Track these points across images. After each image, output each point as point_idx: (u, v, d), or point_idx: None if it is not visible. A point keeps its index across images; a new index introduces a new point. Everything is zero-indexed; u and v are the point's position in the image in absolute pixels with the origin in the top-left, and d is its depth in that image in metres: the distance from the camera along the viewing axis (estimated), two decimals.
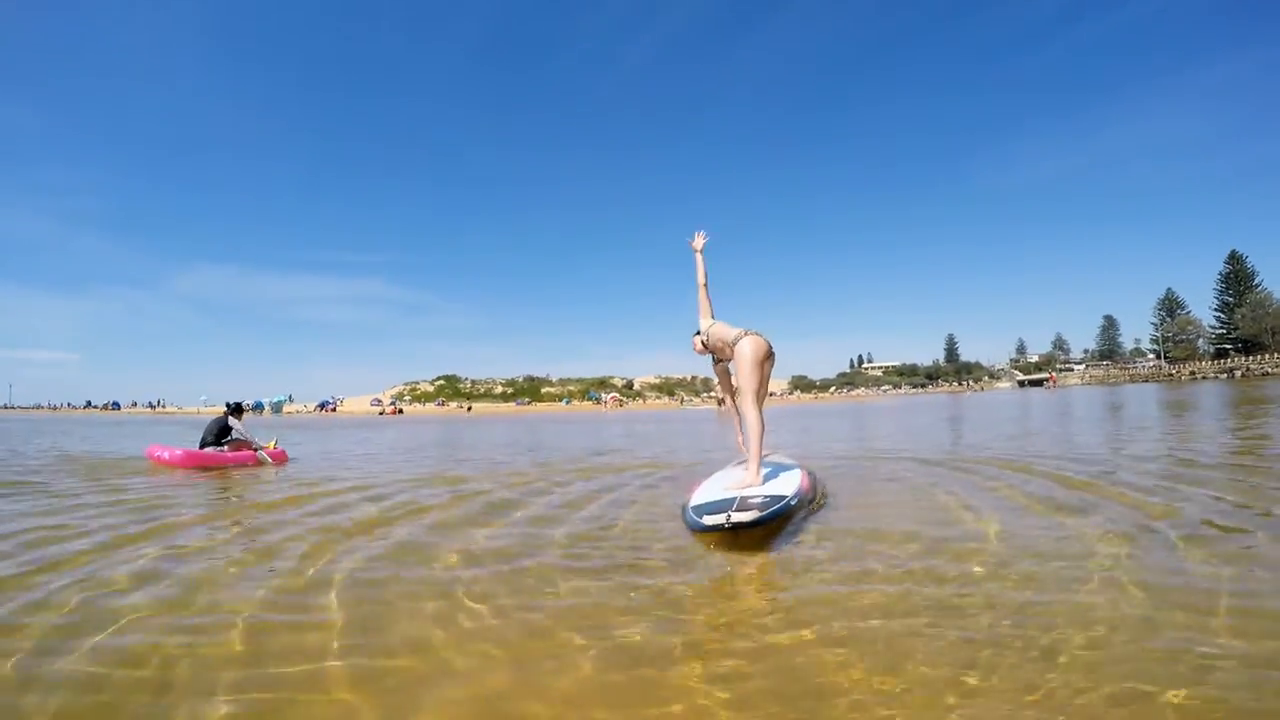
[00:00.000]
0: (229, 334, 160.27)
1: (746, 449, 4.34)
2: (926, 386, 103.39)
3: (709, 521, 3.35)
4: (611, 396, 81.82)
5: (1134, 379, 71.05)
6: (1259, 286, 76.85)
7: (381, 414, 54.30)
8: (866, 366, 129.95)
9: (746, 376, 4.23)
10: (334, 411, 64.01)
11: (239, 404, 8.99)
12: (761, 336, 4.36)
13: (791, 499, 3.70)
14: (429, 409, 71.20)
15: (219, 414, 8.90)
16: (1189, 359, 76.03)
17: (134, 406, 79.76)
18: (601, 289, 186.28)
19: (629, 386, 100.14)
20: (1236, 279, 78.62)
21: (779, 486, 3.99)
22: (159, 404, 78.92)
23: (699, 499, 3.90)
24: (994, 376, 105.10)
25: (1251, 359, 63.82)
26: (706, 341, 4.66)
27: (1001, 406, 23.16)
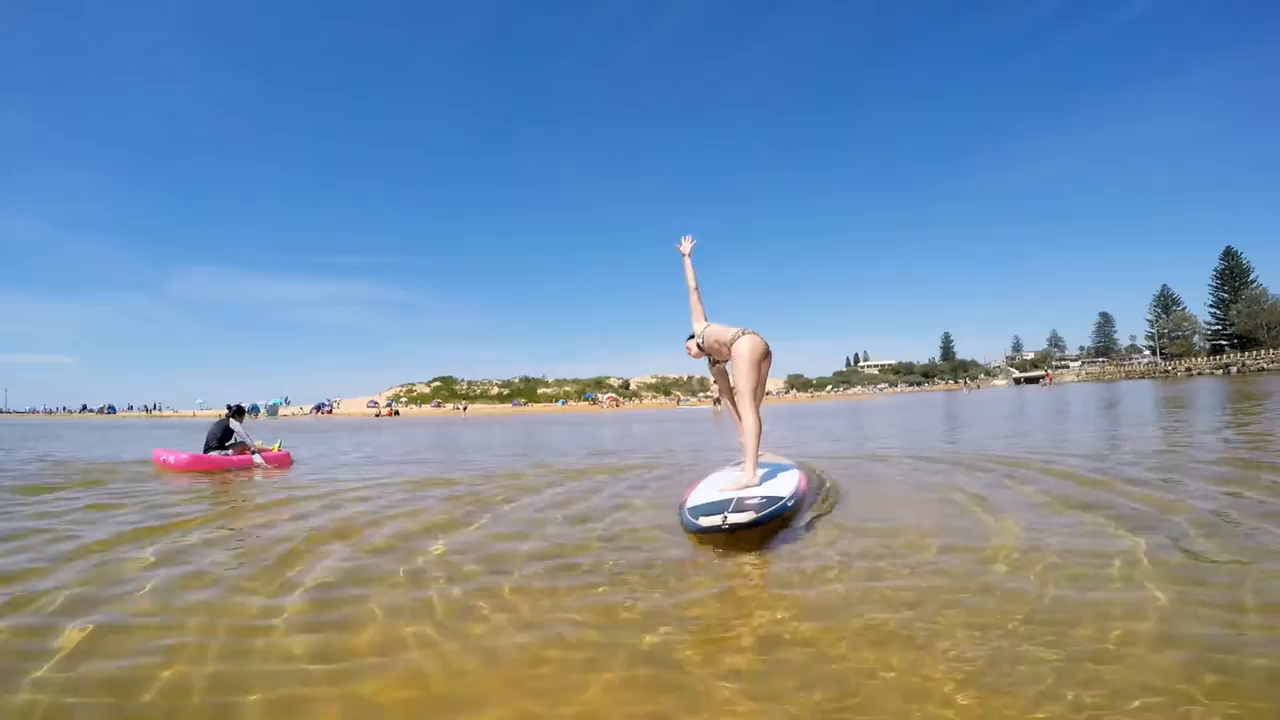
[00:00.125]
0: (225, 337, 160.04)
1: (743, 449, 4.31)
2: (922, 384, 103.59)
3: (705, 523, 3.32)
4: (608, 396, 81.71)
5: (1130, 375, 71.34)
6: (1254, 283, 77.23)
7: (378, 416, 53.94)
8: (862, 365, 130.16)
9: (744, 376, 4.21)
10: (330, 414, 63.73)
11: (240, 406, 8.87)
12: (758, 336, 4.34)
13: (789, 500, 3.66)
14: (425, 410, 70.94)
15: (214, 417, 8.78)
16: (1184, 355, 76.31)
17: (130, 410, 79.35)
18: (598, 289, 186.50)
19: (625, 386, 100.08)
20: (1232, 275, 78.97)
21: (776, 487, 3.95)
22: (155, 408, 78.60)
23: (695, 500, 3.86)
24: (990, 374, 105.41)
25: (1247, 355, 64.16)
26: (702, 344, 4.62)
27: (999, 404, 23.10)
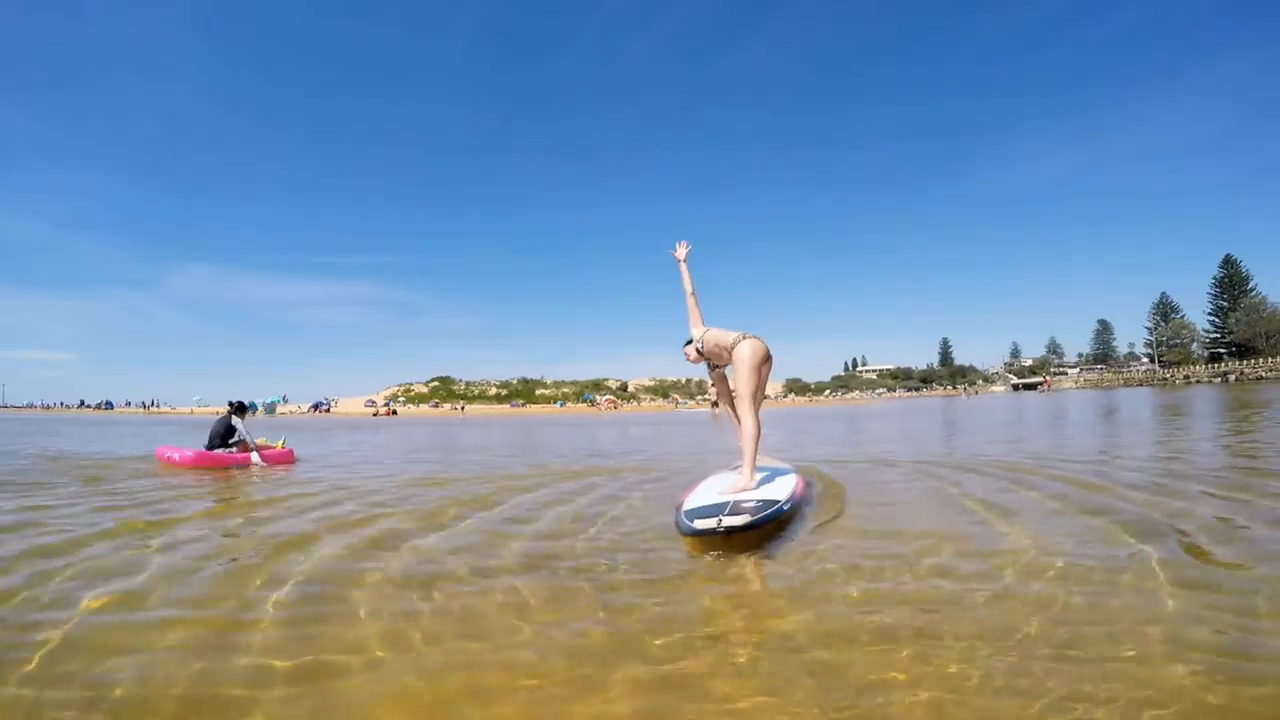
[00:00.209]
0: (223, 335, 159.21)
1: (742, 453, 4.31)
2: (920, 390, 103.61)
3: (700, 525, 3.31)
4: (606, 399, 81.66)
5: (1128, 383, 71.40)
6: (1253, 291, 77.30)
7: (375, 415, 53.76)
8: (861, 370, 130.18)
9: (744, 380, 4.21)
10: (328, 412, 63.53)
11: (242, 402, 8.77)
12: (760, 340, 4.33)
13: (784, 504, 3.67)
14: (423, 410, 70.83)
15: (211, 414, 8.80)
16: (1183, 363, 76.37)
17: (127, 406, 79.15)
18: (597, 290, 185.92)
19: (623, 388, 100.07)
20: (1231, 283, 79.06)
21: (772, 491, 3.96)
22: (153, 404, 78.50)
23: (692, 503, 3.86)
24: (988, 380, 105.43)
25: (1245, 363, 64.19)
26: (701, 348, 4.60)
27: (998, 410, 23.15)
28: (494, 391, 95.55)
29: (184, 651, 2.14)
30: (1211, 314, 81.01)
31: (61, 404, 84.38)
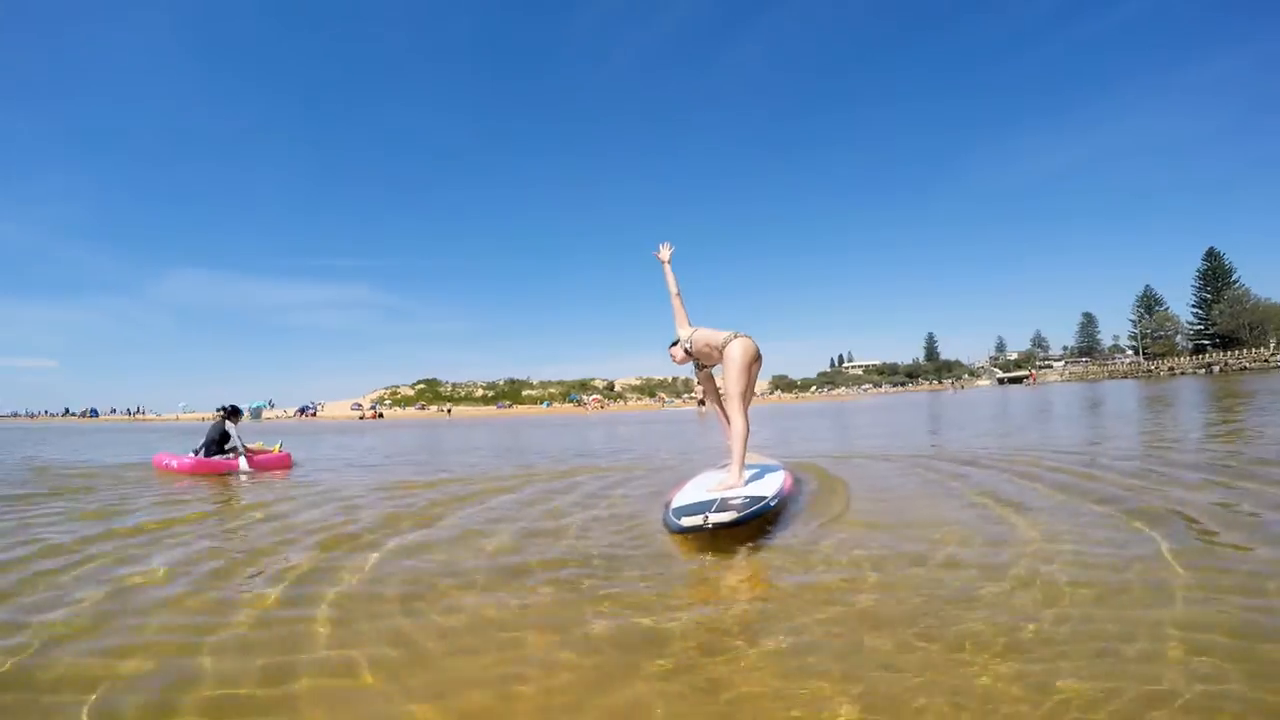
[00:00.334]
0: (209, 340, 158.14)
1: (730, 451, 4.31)
2: (906, 385, 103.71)
3: (688, 523, 3.35)
4: (593, 398, 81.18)
5: (1113, 375, 71.70)
6: (1236, 283, 77.77)
7: (362, 419, 53.05)
8: (847, 365, 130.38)
9: (735, 379, 4.23)
10: (314, 416, 62.95)
11: (235, 406, 8.61)
12: (750, 339, 4.34)
13: (771, 500, 3.70)
14: (409, 413, 70.08)
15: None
16: (1167, 355, 76.71)
17: (112, 413, 78.45)
18: (583, 292, 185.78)
19: (610, 388, 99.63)
20: (1214, 276, 79.63)
21: (760, 488, 3.99)
22: (138, 411, 77.51)
23: (680, 501, 3.89)
24: (974, 374, 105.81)
25: (1229, 354, 64.49)
26: (690, 348, 4.57)
27: (986, 404, 23.06)
28: (480, 393, 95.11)
29: (157, 651, 2.01)
30: (1195, 306, 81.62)
31: (46, 412, 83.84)
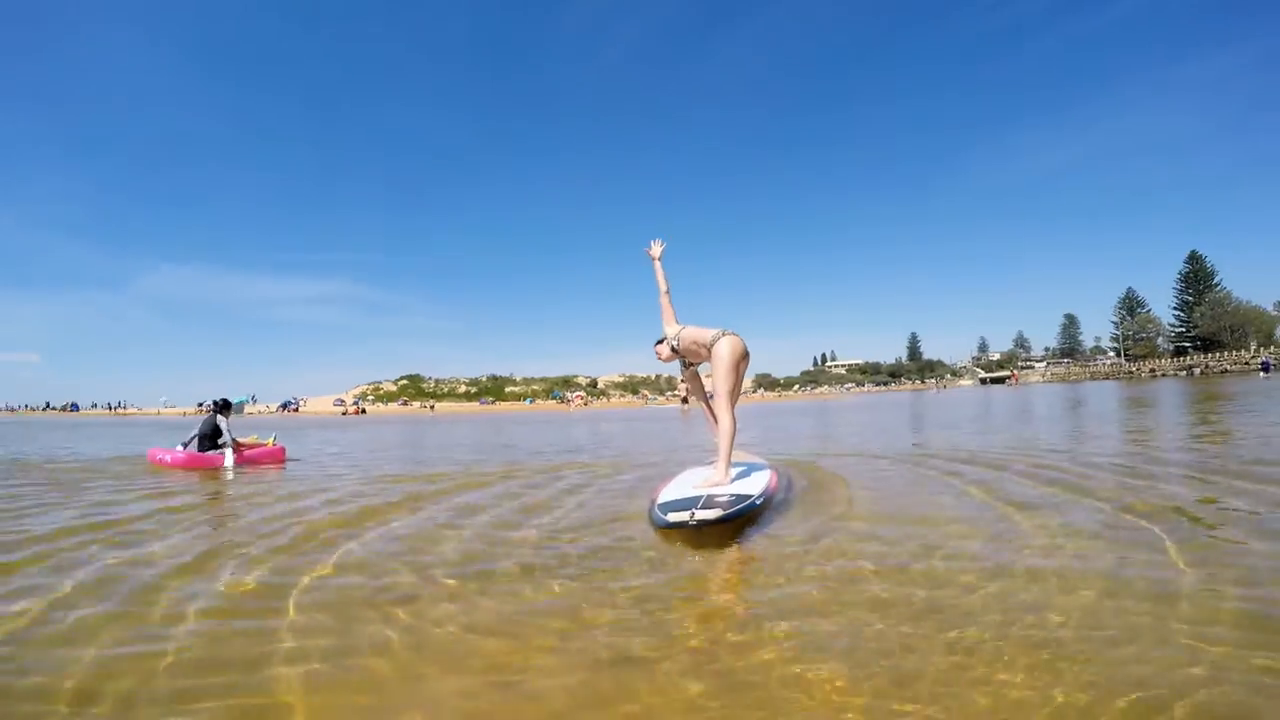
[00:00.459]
0: (192, 335, 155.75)
1: (717, 449, 4.33)
2: (889, 384, 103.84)
3: (673, 519, 3.36)
4: (576, 395, 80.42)
5: (1094, 376, 72.12)
6: (1218, 286, 78.34)
7: (344, 414, 52.03)
8: (830, 365, 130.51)
9: (723, 377, 4.21)
10: (296, 412, 62.16)
11: (227, 400, 8.40)
12: (738, 337, 4.32)
13: (757, 498, 3.70)
14: (392, 409, 69.04)
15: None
16: (1148, 357, 77.12)
17: (94, 408, 77.25)
18: (566, 288, 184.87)
19: (593, 385, 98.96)
20: (1196, 278, 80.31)
21: (746, 485, 4.00)
22: (120, 405, 76.06)
23: (665, 497, 3.87)
24: (956, 374, 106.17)
25: (1210, 356, 64.85)
26: (677, 346, 4.55)
27: (970, 404, 23.03)
28: (463, 389, 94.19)
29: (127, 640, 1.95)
30: (1177, 308, 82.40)
31: (26, 406, 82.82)
